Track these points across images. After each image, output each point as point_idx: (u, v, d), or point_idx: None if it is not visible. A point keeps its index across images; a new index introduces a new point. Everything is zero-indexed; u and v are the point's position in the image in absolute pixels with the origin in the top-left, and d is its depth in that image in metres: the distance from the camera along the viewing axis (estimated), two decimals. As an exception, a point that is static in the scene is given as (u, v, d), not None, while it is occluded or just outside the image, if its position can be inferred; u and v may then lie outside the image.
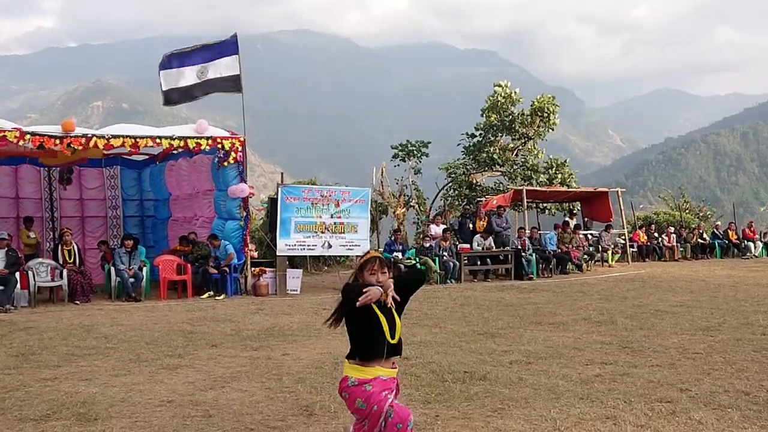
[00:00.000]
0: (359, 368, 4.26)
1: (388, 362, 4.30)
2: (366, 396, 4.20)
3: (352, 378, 4.26)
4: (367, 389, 4.21)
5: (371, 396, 4.19)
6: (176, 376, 7.03)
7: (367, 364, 4.23)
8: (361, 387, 4.23)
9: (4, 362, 7.77)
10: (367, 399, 4.20)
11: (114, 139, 13.57)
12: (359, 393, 4.23)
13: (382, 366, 4.26)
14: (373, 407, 4.18)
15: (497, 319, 10.71)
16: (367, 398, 4.20)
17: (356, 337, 4.31)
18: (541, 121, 25.85)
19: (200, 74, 15.62)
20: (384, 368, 4.26)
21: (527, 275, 17.74)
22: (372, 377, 4.22)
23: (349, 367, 4.31)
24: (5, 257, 13.08)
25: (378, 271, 4.32)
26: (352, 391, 4.25)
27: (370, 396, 4.20)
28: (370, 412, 4.19)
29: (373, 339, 4.24)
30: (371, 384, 4.21)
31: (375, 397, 4.19)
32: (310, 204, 15.54)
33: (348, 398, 4.30)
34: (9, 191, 16.59)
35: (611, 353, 7.91)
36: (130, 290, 14.08)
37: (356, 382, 4.24)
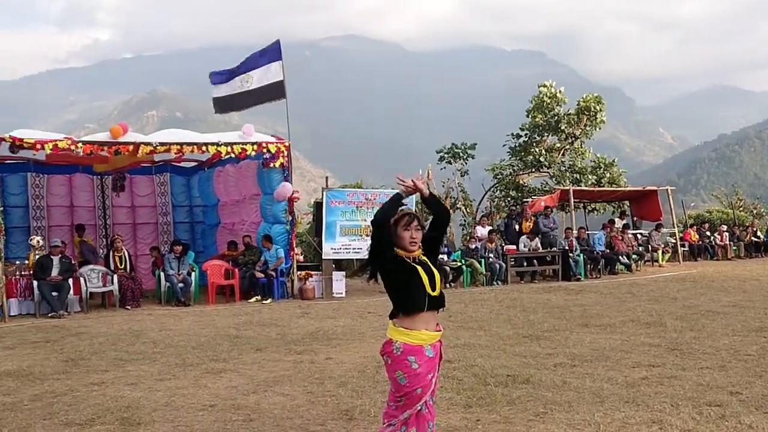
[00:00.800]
0: (405, 331, 4.03)
1: (432, 320, 4.10)
2: (411, 374, 4.00)
3: (397, 343, 4.04)
4: (413, 367, 3.99)
5: (417, 376, 4.00)
6: (220, 381, 7.11)
7: (412, 324, 4.03)
8: (405, 359, 4.01)
9: (55, 367, 7.97)
10: (410, 377, 4.00)
11: (160, 146, 13.81)
12: (403, 366, 4.02)
13: (427, 325, 4.06)
14: (416, 389, 4.01)
15: (543, 321, 10.56)
16: (411, 376, 4.00)
17: (396, 292, 4.12)
18: (588, 120, 25.46)
19: (245, 83, 15.86)
20: (429, 331, 4.06)
21: (575, 276, 17.48)
22: (418, 344, 4.01)
23: (394, 329, 4.10)
24: (59, 264, 13.43)
25: (412, 228, 4.15)
26: (396, 359, 4.04)
27: (415, 375, 4.00)
28: (411, 392, 4.02)
29: (414, 291, 4.05)
30: (418, 361, 3.99)
31: (420, 380, 4.01)
32: (354, 207, 15.59)
33: (389, 364, 4.09)
34: (64, 200, 17.05)
35: (659, 355, 7.72)
36: (179, 295, 14.32)
37: (401, 350, 4.02)
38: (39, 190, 16.57)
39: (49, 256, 13.53)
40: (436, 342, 4.11)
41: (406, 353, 3.99)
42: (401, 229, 4.15)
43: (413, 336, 4.02)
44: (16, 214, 16.14)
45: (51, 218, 16.78)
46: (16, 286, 13.33)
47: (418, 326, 4.04)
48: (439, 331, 4.15)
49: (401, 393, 4.04)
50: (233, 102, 16.17)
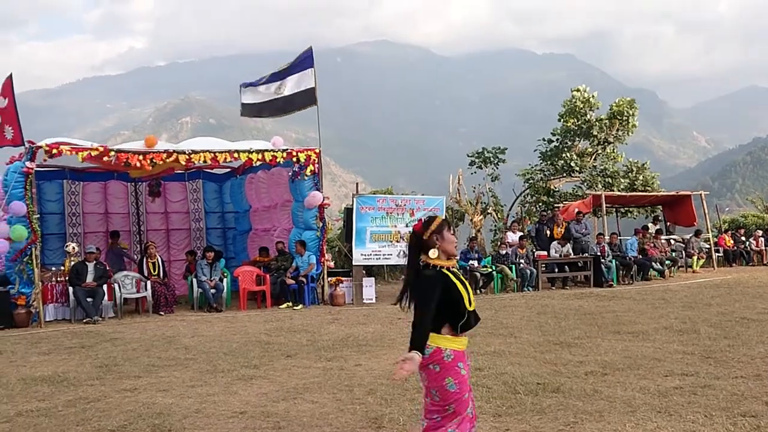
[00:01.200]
0: (450, 338, 4.07)
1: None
2: (460, 380, 4.05)
3: (447, 350, 4.04)
4: (462, 372, 4.06)
5: (464, 381, 4.07)
6: (250, 387, 7.16)
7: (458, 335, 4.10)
8: (455, 365, 4.04)
9: (89, 373, 8.09)
10: (460, 383, 4.05)
11: (194, 155, 13.97)
12: (453, 373, 4.04)
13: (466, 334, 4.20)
14: (464, 394, 4.06)
15: (574, 328, 10.47)
16: (461, 383, 4.05)
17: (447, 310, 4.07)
18: (620, 124, 25.21)
19: (278, 90, 15.99)
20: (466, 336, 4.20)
21: (607, 282, 17.29)
22: (462, 350, 4.11)
23: (439, 337, 4.05)
24: (94, 270, 13.65)
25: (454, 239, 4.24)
26: (446, 366, 4.03)
27: (463, 381, 4.06)
28: (460, 398, 4.04)
29: (462, 310, 4.08)
30: (465, 367, 4.10)
31: (465, 384, 4.09)
32: (384, 213, 15.62)
33: (437, 373, 4.05)
34: (99, 207, 17.31)
35: (693, 364, 7.61)
36: (211, 301, 14.45)
37: (452, 357, 4.04)
38: (75, 197, 16.84)
39: (84, 262, 13.76)
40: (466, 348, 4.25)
41: (456, 359, 4.06)
42: (448, 233, 4.19)
43: (458, 342, 4.12)
44: (53, 220, 16.42)
45: (86, 225, 17.05)
46: (52, 291, 13.60)
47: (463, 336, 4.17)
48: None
49: (450, 400, 4.04)
50: (265, 108, 16.29)
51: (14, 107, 13.14)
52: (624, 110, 25.09)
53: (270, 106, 16.11)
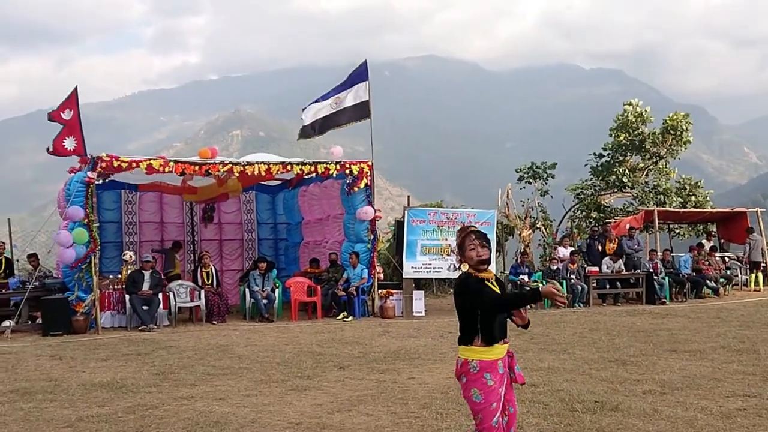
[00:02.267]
0: (479, 350, 4.14)
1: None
2: (486, 390, 4.08)
3: (473, 362, 4.13)
4: (488, 383, 4.09)
5: (491, 392, 4.09)
6: (305, 398, 7.22)
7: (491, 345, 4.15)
8: (481, 377, 4.10)
9: (147, 380, 8.25)
10: (486, 393, 4.08)
11: (248, 167, 14.18)
12: (479, 384, 4.11)
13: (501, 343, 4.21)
14: (491, 404, 4.08)
15: (629, 345, 10.30)
16: (487, 393, 4.08)
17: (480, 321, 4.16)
18: (674, 139, 24.77)
19: (334, 105, 16.17)
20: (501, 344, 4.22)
21: (660, 299, 16.96)
22: (493, 359, 4.13)
23: (468, 349, 4.18)
24: (150, 278, 13.93)
25: (477, 246, 4.24)
26: (472, 378, 4.12)
27: (490, 391, 4.08)
28: (485, 409, 4.08)
29: (496, 320, 4.16)
30: (493, 377, 4.10)
31: (494, 394, 4.09)
32: (436, 227, 15.60)
33: (464, 384, 4.17)
34: (154, 216, 17.69)
35: (754, 385, 7.43)
36: (263, 311, 14.61)
37: (477, 368, 4.11)
38: (131, 207, 17.24)
39: (140, 270, 14.05)
40: (504, 355, 4.24)
41: (483, 370, 4.11)
42: (468, 250, 4.26)
43: (489, 352, 4.14)
44: (110, 229, 16.81)
45: (142, 234, 17.42)
46: (109, 299, 13.92)
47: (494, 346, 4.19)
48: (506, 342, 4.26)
49: (476, 410, 4.12)
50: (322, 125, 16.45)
51: (78, 119, 13.57)
52: (678, 124, 24.65)
53: (326, 121, 16.28)
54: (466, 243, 4.25)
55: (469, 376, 4.12)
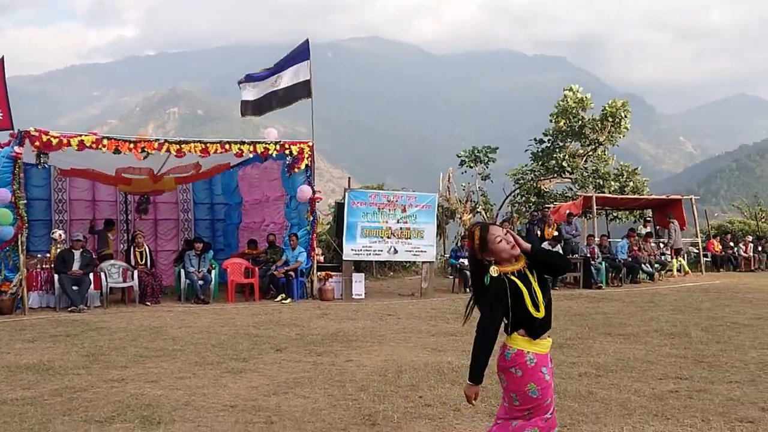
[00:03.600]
0: (530, 341, 3.77)
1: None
2: (543, 386, 3.76)
3: (529, 354, 3.75)
4: (545, 378, 3.76)
5: (548, 387, 3.78)
6: (240, 381, 7.05)
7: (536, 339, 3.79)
8: (539, 370, 3.75)
9: (75, 362, 7.95)
10: (543, 389, 3.76)
11: (185, 145, 13.80)
12: (536, 378, 3.75)
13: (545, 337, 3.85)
14: (546, 400, 3.78)
15: (565, 329, 10.41)
16: (544, 389, 3.76)
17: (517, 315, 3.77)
18: (612, 126, 25.22)
19: (275, 83, 15.89)
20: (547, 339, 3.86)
21: (596, 284, 17.29)
22: (545, 353, 3.81)
23: (519, 338, 3.79)
24: (80, 258, 13.47)
25: (501, 235, 3.78)
26: (528, 371, 3.74)
27: (547, 388, 3.78)
28: (542, 404, 3.77)
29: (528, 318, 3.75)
30: (548, 372, 3.79)
31: (549, 390, 3.80)
32: (376, 209, 15.50)
33: (519, 377, 3.77)
34: (86, 194, 17.09)
35: (686, 367, 7.57)
36: (198, 292, 14.30)
37: (534, 361, 3.74)
38: (61, 184, 16.60)
39: (70, 250, 13.58)
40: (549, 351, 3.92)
41: (540, 364, 3.77)
42: (494, 245, 3.78)
43: (540, 345, 3.80)
44: (39, 207, 16.14)
45: (73, 212, 16.81)
46: (37, 279, 13.40)
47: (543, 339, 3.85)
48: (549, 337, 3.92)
49: (530, 405, 3.77)
50: (263, 104, 16.17)
51: (5, 91, 12.96)
52: (617, 112, 25.10)
53: (267, 100, 16.00)
54: (490, 236, 3.77)
55: (525, 369, 3.74)
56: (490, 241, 3.77)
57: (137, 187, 16.07)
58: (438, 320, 11.48)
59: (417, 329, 10.55)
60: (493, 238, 3.77)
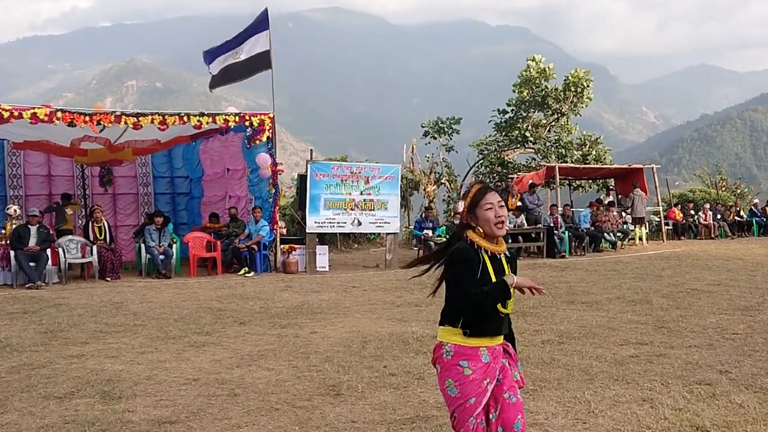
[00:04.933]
0: (459, 333, 3.27)
1: None
2: (462, 381, 3.24)
3: (447, 345, 3.29)
4: (465, 372, 3.24)
5: (469, 384, 3.24)
6: (203, 354, 6.97)
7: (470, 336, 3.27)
8: (456, 364, 3.26)
9: (33, 339, 7.78)
10: (462, 385, 3.25)
11: (143, 118, 13.50)
12: (453, 373, 3.27)
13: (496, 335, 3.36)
14: (468, 399, 3.24)
15: (528, 297, 10.44)
16: (463, 384, 3.24)
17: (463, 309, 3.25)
18: (575, 96, 25.35)
19: (236, 55, 15.62)
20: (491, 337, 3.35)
21: (559, 253, 17.47)
22: (474, 346, 3.26)
23: (445, 330, 3.32)
24: (37, 234, 13.17)
25: (495, 204, 3.36)
26: (445, 365, 3.29)
27: (467, 383, 3.24)
28: (462, 405, 3.25)
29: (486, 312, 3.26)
30: (471, 366, 3.24)
31: (474, 387, 3.24)
32: (339, 181, 15.39)
33: (439, 373, 3.36)
34: (42, 169, 16.69)
35: (647, 333, 7.68)
36: (160, 267, 14.11)
37: (451, 353, 3.27)
38: (16, 158, 16.17)
39: (26, 225, 13.27)
40: (496, 345, 3.37)
41: (459, 357, 3.27)
42: (481, 210, 3.36)
43: (469, 339, 3.29)
44: (-8, 182, 15.77)
45: (28, 187, 16.42)
46: (-8, 255, 13.08)
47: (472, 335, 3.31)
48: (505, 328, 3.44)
49: (452, 407, 3.30)
50: (225, 76, 15.91)
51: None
52: (579, 81, 25.22)
53: (230, 71, 15.73)
54: (483, 201, 3.36)
55: (442, 363, 3.30)
56: (481, 205, 3.36)
57: (94, 157, 15.72)
58: (402, 291, 11.48)
59: (382, 300, 10.55)
60: (485, 203, 3.35)
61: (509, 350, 3.52)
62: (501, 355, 3.40)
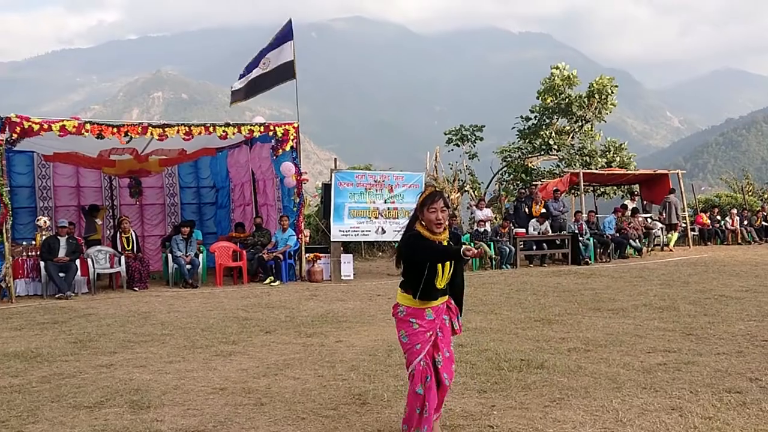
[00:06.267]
0: (410, 298, 4.43)
1: None
2: (411, 332, 4.42)
3: (401, 307, 4.47)
4: (413, 327, 4.41)
5: (416, 334, 4.41)
6: (230, 363, 7.02)
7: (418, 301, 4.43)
8: (407, 320, 4.43)
9: (63, 349, 7.89)
10: (411, 335, 4.43)
11: (169, 129, 13.65)
12: (405, 326, 4.46)
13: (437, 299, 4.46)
14: (415, 345, 4.41)
15: (554, 305, 10.45)
16: (411, 335, 4.42)
17: (414, 282, 4.38)
18: (599, 102, 25.20)
19: (263, 66, 15.75)
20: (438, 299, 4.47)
21: (584, 260, 17.35)
22: (421, 308, 4.40)
23: (401, 295, 4.48)
24: (66, 245, 13.36)
25: (438, 209, 4.27)
26: (400, 320, 4.49)
27: (415, 334, 4.41)
28: (411, 349, 4.43)
29: (430, 286, 4.35)
30: (419, 322, 4.40)
31: (419, 337, 4.41)
32: (363, 189, 15.45)
33: (396, 325, 4.54)
34: (70, 180, 16.94)
35: (674, 341, 7.61)
36: (186, 277, 14.24)
37: (404, 312, 4.45)
38: (45, 170, 16.45)
39: (56, 236, 13.47)
40: (439, 305, 4.47)
41: (409, 315, 4.43)
42: (427, 211, 4.29)
43: (419, 303, 4.42)
44: (23, 194, 16.01)
45: (57, 199, 16.68)
46: (23, 266, 13.29)
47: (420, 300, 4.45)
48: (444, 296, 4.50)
49: (404, 349, 4.49)
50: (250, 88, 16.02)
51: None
52: (604, 88, 25.07)
53: (253, 84, 15.84)
54: (428, 204, 4.28)
55: (397, 318, 4.49)
56: (428, 207, 4.27)
57: (121, 168, 15.90)
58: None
59: (406, 308, 10.53)
60: (429, 205, 4.26)
61: (451, 305, 4.58)
62: (443, 311, 4.51)
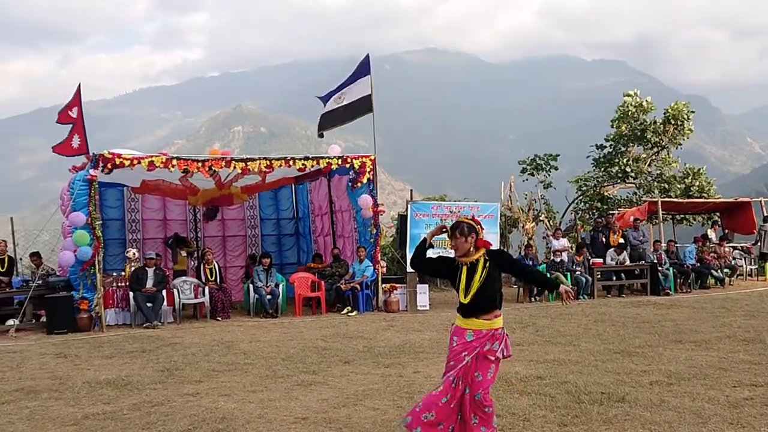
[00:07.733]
0: (458, 316, 5.11)
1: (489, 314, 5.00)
2: (450, 349, 5.05)
3: (453, 326, 5.13)
4: (453, 344, 5.04)
5: (453, 351, 5.00)
6: (310, 393, 7.20)
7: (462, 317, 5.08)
8: (451, 338, 5.07)
9: (151, 377, 8.23)
10: (450, 351, 5.06)
11: (251, 162, 14.15)
12: (450, 342, 5.10)
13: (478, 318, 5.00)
14: (449, 361, 5.02)
15: (634, 336, 10.27)
16: (450, 351, 5.05)
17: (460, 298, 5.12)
18: (675, 129, 24.68)
19: (339, 99, 16.13)
20: (477, 319, 5.00)
21: (664, 290, 16.92)
22: (463, 328, 5.01)
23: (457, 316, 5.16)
24: (153, 275, 13.92)
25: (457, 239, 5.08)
26: (450, 336, 5.12)
27: (453, 350, 5.01)
28: (447, 363, 5.06)
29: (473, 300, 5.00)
30: (458, 341, 5.01)
31: (453, 354, 5.00)
32: (439, 220, 15.52)
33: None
34: (158, 214, 17.68)
35: (761, 374, 7.39)
36: (267, 307, 14.58)
37: (452, 331, 5.10)
38: (134, 204, 17.24)
39: (144, 267, 14.05)
40: (483, 330, 4.97)
41: (453, 333, 5.09)
42: (453, 240, 5.14)
43: (462, 322, 5.05)
44: (113, 226, 16.81)
45: (145, 231, 17.43)
46: (113, 296, 13.90)
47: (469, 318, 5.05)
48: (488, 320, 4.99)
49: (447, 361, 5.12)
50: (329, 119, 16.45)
51: (81, 117, 13.57)
52: (680, 114, 24.57)
53: (333, 116, 16.25)
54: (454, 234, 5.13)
55: (450, 334, 5.15)
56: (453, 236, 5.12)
57: (204, 196, 16.47)
58: (504, 330, 11.43)
59: (483, 340, 10.53)
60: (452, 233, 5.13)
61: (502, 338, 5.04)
62: (487, 338, 4.97)
